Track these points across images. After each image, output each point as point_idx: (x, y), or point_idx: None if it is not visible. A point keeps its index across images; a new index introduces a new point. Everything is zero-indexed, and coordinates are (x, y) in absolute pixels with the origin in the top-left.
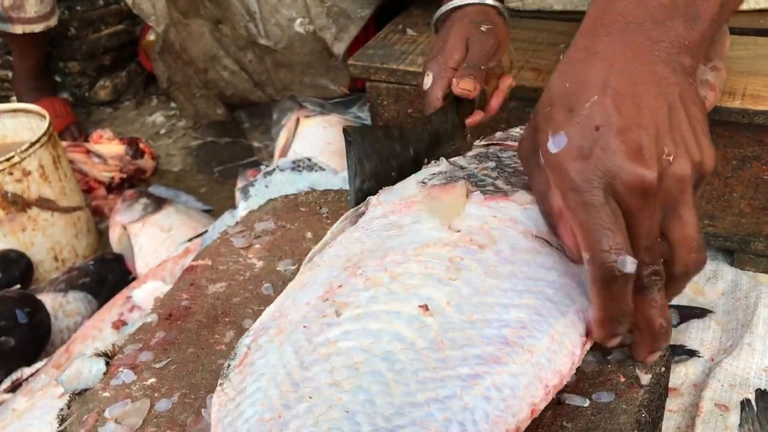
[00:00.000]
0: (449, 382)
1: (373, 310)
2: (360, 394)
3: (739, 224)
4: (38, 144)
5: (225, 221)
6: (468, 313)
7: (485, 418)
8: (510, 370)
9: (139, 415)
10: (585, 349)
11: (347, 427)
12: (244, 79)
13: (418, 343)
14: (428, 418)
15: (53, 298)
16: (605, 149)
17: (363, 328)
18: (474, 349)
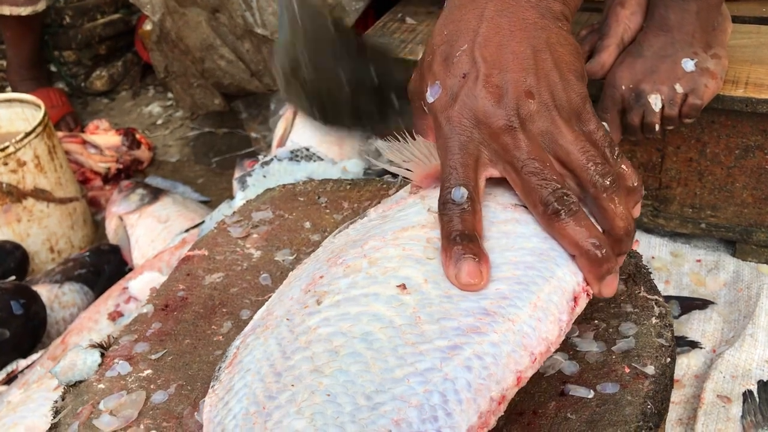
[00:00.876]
0: (428, 355)
1: (352, 295)
2: (340, 376)
3: (742, 215)
4: (33, 134)
5: (222, 211)
6: (445, 289)
7: (467, 386)
8: (491, 339)
9: (134, 407)
10: (575, 315)
11: (329, 409)
12: (241, 69)
13: (396, 320)
14: (408, 391)
15: (49, 290)
16: (469, 96)
17: (342, 312)
18: (452, 321)
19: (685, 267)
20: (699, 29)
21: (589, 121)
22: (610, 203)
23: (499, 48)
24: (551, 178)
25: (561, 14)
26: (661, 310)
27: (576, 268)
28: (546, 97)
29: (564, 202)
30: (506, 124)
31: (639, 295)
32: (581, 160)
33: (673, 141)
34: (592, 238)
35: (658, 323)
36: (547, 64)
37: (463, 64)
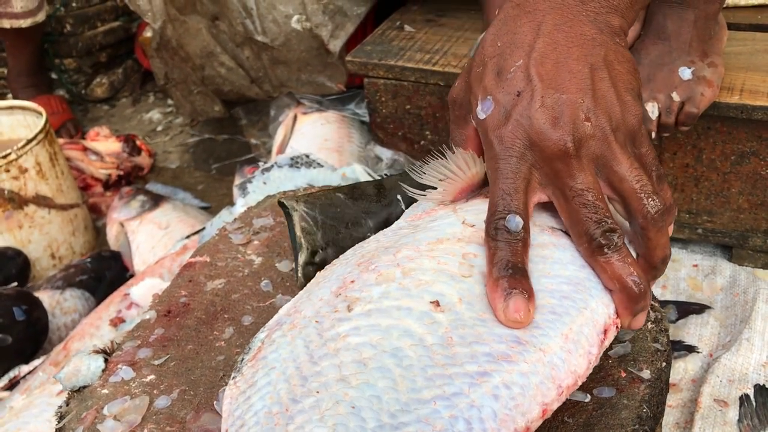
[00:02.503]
0: (457, 379)
1: (384, 305)
2: (367, 390)
3: (738, 220)
4: (35, 141)
5: (223, 218)
6: (479, 311)
7: (492, 416)
8: (520, 368)
9: (138, 412)
10: (603, 348)
11: (353, 422)
12: (241, 76)
13: (428, 339)
14: (434, 415)
15: (50, 296)
16: (523, 116)
17: (373, 323)
18: (484, 346)
19: (682, 272)
20: (696, 38)
21: (642, 143)
22: (656, 233)
23: (556, 66)
24: (601, 211)
25: (619, 29)
26: (656, 315)
27: (609, 300)
28: (603, 121)
29: (609, 238)
30: (561, 148)
31: None
32: (635, 188)
33: (670, 147)
34: (634, 276)
35: (654, 328)
36: (605, 84)
37: (517, 81)
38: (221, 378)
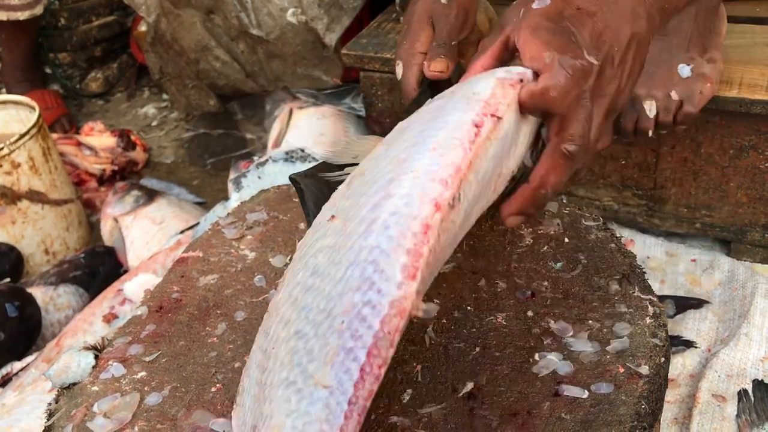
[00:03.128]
0: (355, 242)
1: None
2: (302, 312)
3: (736, 214)
4: (28, 136)
5: (217, 213)
6: (356, 190)
7: (388, 240)
8: (399, 194)
9: (128, 409)
10: (481, 137)
11: (300, 343)
12: (236, 70)
13: (331, 240)
14: (348, 282)
15: (44, 292)
16: (573, 24)
17: (295, 273)
18: (365, 207)
19: (680, 266)
20: (696, 33)
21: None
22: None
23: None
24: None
25: (653, 26)
26: (655, 310)
27: (471, 105)
28: (622, 80)
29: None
30: (583, 72)
31: (633, 295)
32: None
33: (668, 141)
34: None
35: (653, 323)
36: (637, 59)
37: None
38: (213, 374)
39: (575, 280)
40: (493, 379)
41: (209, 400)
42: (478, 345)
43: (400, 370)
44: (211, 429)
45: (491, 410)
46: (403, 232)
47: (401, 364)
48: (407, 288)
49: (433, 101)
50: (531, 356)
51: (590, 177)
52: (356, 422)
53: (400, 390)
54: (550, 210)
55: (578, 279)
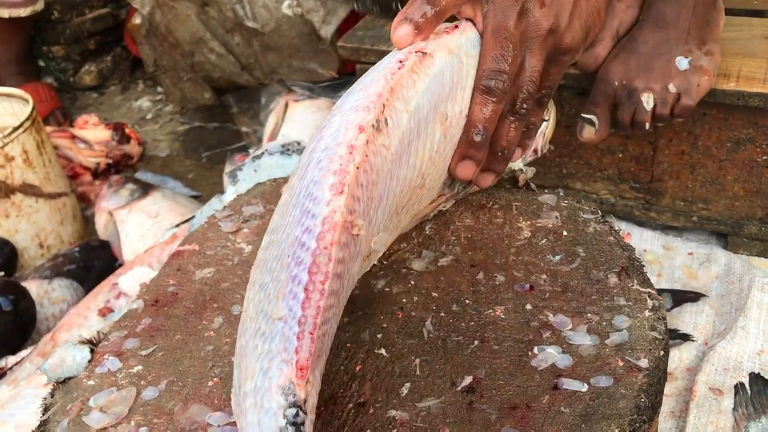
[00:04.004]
0: (300, 188)
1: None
2: (263, 266)
3: (733, 207)
4: (21, 129)
5: (213, 206)
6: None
7: (317, 172)
8: (326, 134)
9: (124, 404)
10: (405, 69)
11: (262, 293)
12: (232, 62)
13: (281, 200)
14: (293, 219)
15: (38, 286)
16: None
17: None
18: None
19: (677, 260)
20: (695, 25)
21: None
22: (479, 96)
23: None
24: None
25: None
26: (654, 303)
27: (395, 55)
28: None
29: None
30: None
31: (632, 288)
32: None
33: (665, 134)
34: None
35: (652, 316)
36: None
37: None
38: (210, 368)
39: (574, 273)
40: (491, 372)
41: (206, 394)
42: (477, 338)
43: (398, 363)
44: (208, 423)
45: (490, 404)
46: (331, 158)
47: (399, 358)
48: (335, 203)
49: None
50: (530, 349)
51: (587, 170)
52: (309, 341)
53: (399, 384)
54: (548, 203)
55: (577, 272)
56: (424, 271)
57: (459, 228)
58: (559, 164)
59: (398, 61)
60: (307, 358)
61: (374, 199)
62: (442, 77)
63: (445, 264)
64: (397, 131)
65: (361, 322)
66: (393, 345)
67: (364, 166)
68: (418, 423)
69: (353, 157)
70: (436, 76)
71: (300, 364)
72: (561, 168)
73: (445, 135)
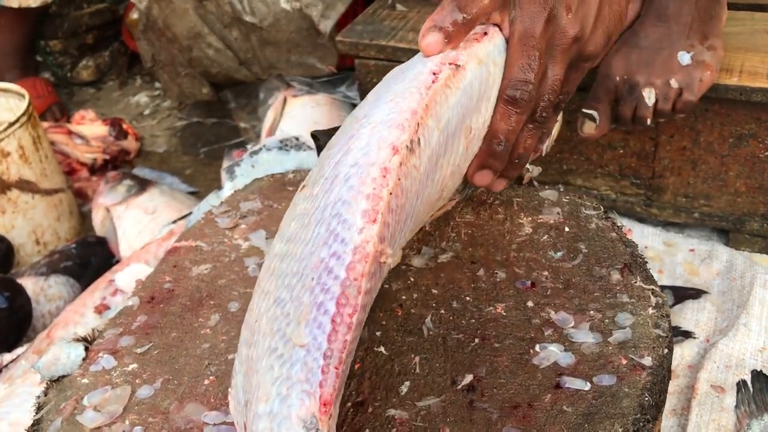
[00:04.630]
0: (320, 202)
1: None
2: (279, 279)
3: (735, 204)
4: (17, 124)
5: (210, 202)
6: (323, 170)
7: (349, 190)
8: (357, 147)
9: (119, 402)
10: (438, 84)
11: (278, 310)
12: (230, 57)
13: (302, 206)
14: (316, 239)
15: (34, 282)
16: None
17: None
18: (327, 168)
19: (678, 256)
20: (697, 20)
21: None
22: (503, 106)
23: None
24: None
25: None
26: (657, 300)
27: (427, 65)
28: (584, 27)
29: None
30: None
31: (635, 284)
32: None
33: (667, 130)
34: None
35: (655, 313)
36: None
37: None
38: (206, 366)
39: (576, 269)
40: (492, 371)
41: (202, 392)
42: (477, 336)
43: (397, 361)
44: (204, 422)
45: (491, 403)
46: (363, 179)
47: (399, 356)
48: (368, 231)
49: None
50: (531, 347)
51: (588, 166)
52: (334, 376)
53: (398, 382)
54: (550, 199)
55: (579, 269)
56: (423, 267)
57: (459, 224)
58: (559, 160)
59: (431, 73)
60: (331, 393)
61: (400, 222)
62: (471, 89)
63: (445, 260)
64: (427, 150)
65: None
66: (392, 343)
67: (396, 191)
68: (418, 422)
69: (387, 181)
70: (465, 88)
71: (324, 398)
72: (561, 164)
73: (467, 147)
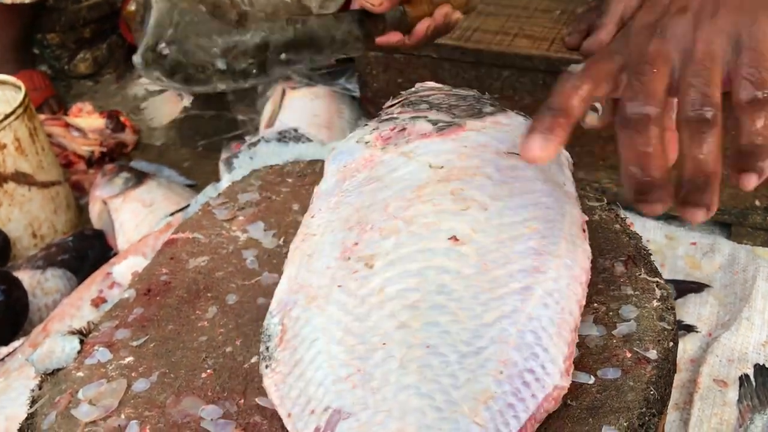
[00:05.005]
0: (508, 298)
1: (403, 253)
2: (433, 328)
3: (737, 197)
4: (13, 116)
5: (208, 194)
6: (494, 235)
7: (550, 323)
8: (551, 276)
9: (114, 396)
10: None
11: (435, 360)
12: None
13: (464, 270)
14: (504, 333)
15: (31, 276)
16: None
17: (403, 271)
18: (515, 264)
19: (679, 250)
20: None
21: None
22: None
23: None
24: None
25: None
26: (662, 293)
27: (574, 201)
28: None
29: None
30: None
31: (639, 277)
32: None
33: None
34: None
35: (660, 306)
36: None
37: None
38: (203, 360)
39: None
40: None
41: (199, 386)
42: None
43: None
44: (201, 416)
45: None
46: (563, 325)
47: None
48: (566, 383)
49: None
50: None
51: (589, 159)
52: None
53: None
54: None
55: None
56: None
57: None
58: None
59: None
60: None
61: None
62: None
63: None
64: None
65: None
66: None
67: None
68: None
69: (574, 340)
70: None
71: None
72: None
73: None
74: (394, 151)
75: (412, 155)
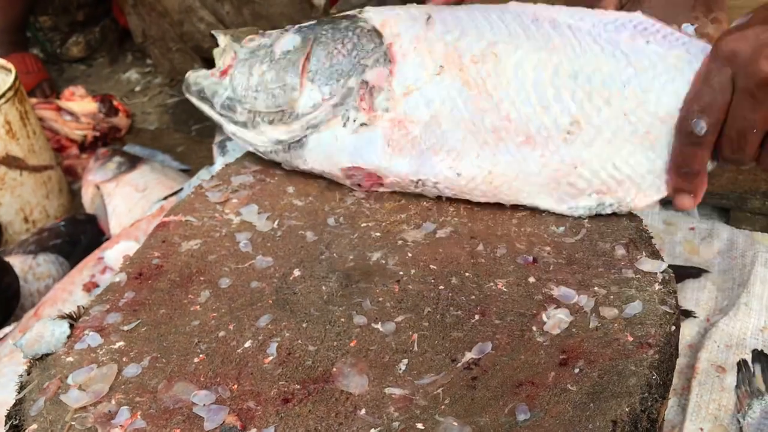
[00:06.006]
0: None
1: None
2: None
3: (736, 181)
4: (3, 99)
5: (202, 178)
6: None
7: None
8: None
9: (105, 381)
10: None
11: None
12: None
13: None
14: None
15: (22, 261)
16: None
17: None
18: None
19: (678, 235)
20: None
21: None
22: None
23: None
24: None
25: None
26: (664, 276)
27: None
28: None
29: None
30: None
31: (640, 260)
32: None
33: None
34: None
35: (662, 289)
36: None
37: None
38: (196, 344)
39: (579, 244)
40: (493, 348)
41: (191, 371)
42: (477, 313)
43: (395, 338)
44: (193, 402)
45: (492, 381)
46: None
47: (396, 332)
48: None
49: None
50: (533, 324)
51: None
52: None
53: (396, 360)
54: None
55: (582, 244)
56: (421, 242)
57: (458, 198)
58: None
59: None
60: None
61: None
62: None
63: (443, 235)
64: None
65: (355, 295)
66: (390, 319)
67: None
68: (416, 401)
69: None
70: None
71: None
72: None
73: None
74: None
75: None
